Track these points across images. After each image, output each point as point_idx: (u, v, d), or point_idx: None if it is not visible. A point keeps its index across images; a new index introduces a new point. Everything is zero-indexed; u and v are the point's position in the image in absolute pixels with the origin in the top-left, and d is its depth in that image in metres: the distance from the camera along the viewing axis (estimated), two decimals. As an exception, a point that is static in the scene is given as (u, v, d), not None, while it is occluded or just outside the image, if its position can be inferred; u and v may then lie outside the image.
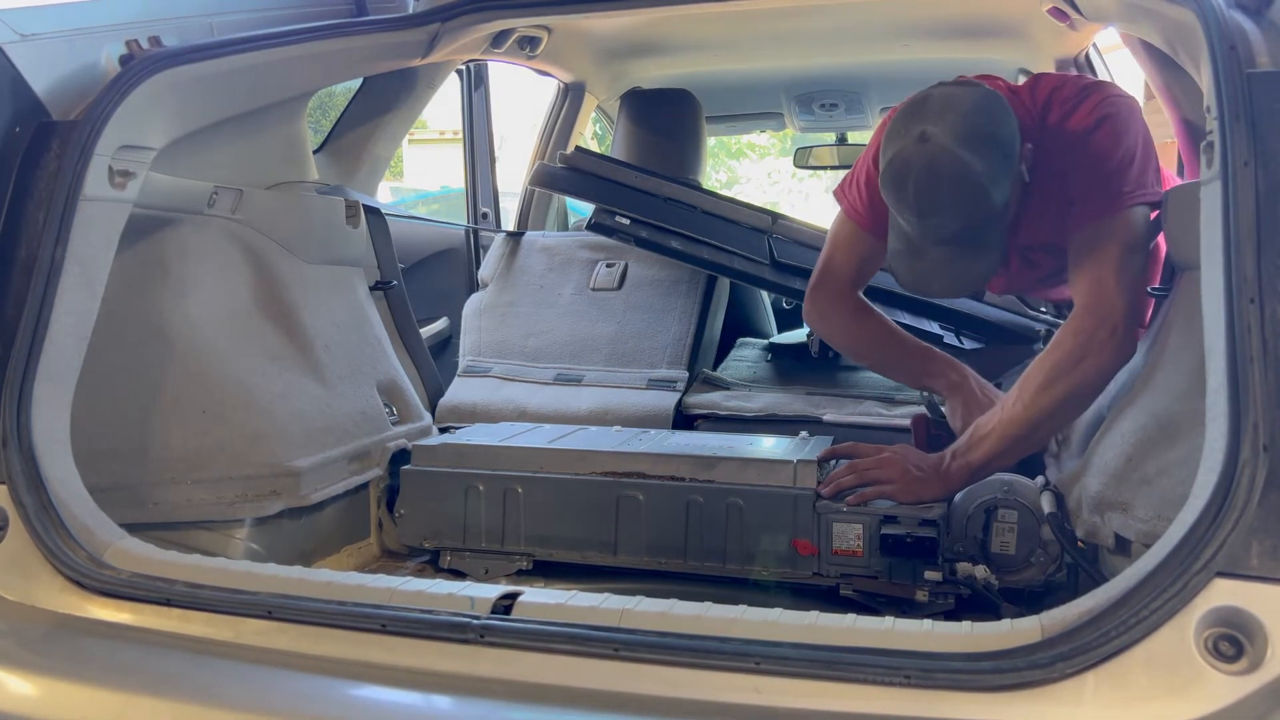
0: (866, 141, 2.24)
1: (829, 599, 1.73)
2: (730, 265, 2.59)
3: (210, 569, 1.39)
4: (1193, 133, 1.92)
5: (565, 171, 2.76)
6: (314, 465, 1.90)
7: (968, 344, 2.58)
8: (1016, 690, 1.03)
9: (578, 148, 2.88)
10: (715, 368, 2.71)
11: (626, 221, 2.60)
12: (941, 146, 1.64)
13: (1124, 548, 1.43)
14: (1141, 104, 2.74)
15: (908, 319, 2.57)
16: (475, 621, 1.20)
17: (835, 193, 2.16)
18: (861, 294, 2.16)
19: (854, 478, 1.77)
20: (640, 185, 2.68)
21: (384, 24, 2.06)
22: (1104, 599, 1.06)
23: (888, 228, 1.83)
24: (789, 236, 2.64)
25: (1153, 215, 1.76)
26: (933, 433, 2.04)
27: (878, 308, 2.30)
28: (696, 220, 2.63)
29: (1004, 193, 1.69)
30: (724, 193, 2.88)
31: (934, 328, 2.58)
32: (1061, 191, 1.82)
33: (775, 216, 2.70)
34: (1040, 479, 1.78)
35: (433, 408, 2.52)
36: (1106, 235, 1.73)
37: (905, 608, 1.68)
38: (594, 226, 2.65)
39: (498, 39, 2.42)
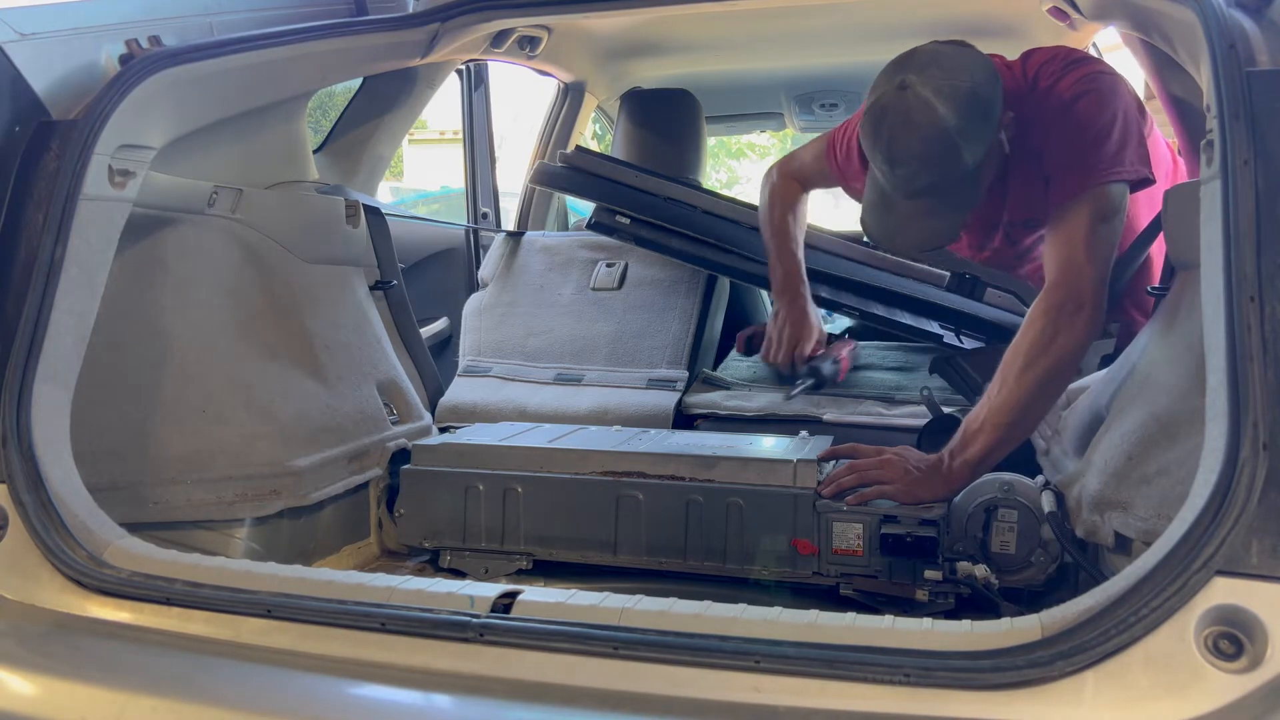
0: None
1: (829, 598, 1.73)
2: (731, 265, 2.59)
3: (210, 568, 1.38)
4: (1192, 132, 1.92)
5: (566, 170, 2.76)
6: (314, 465, 1.90)
7: (968, 343, 2.58)
8: (1016, 689, 1.03)
9: (578, 147, 2.88)
10: (715, 367, 2.71)
11: (627, 221, 2.60)
12: (919, 96, 1.68)
13: (1124, 547, 1.43)
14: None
15: (908, 319, 2.57)
16: (475, 620, 1.20)
17: (830, 132, 2.34)
18: (805, 192, 2.40)
19: (854, 478, 1.77)
20: (641, 185, 2.68)
21: (384, 24, 2.06)
22: (1104, 598, 1.06)
23: (849, 180, 2.01)
24: None
25: (1139, 192, 1.79)
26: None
27: (880, 308, 2.34)
28: (697, 220, 2.64)
29: (977, 154, 1.71)
30: (724, 193, 2.87)
31: (934, 327, 2.58)
32: (1040, 167, 1.84)
33: None
34: (1040, 478, 1.78)
35: (433, 407, 2.52)
36: (1078, 210, 1.74)
37: (905, 607, 1.68)
38: (594, 226, 2.65)
39: (498, 39, 2.42)
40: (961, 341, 2.57)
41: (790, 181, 2.41)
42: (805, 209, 2.43)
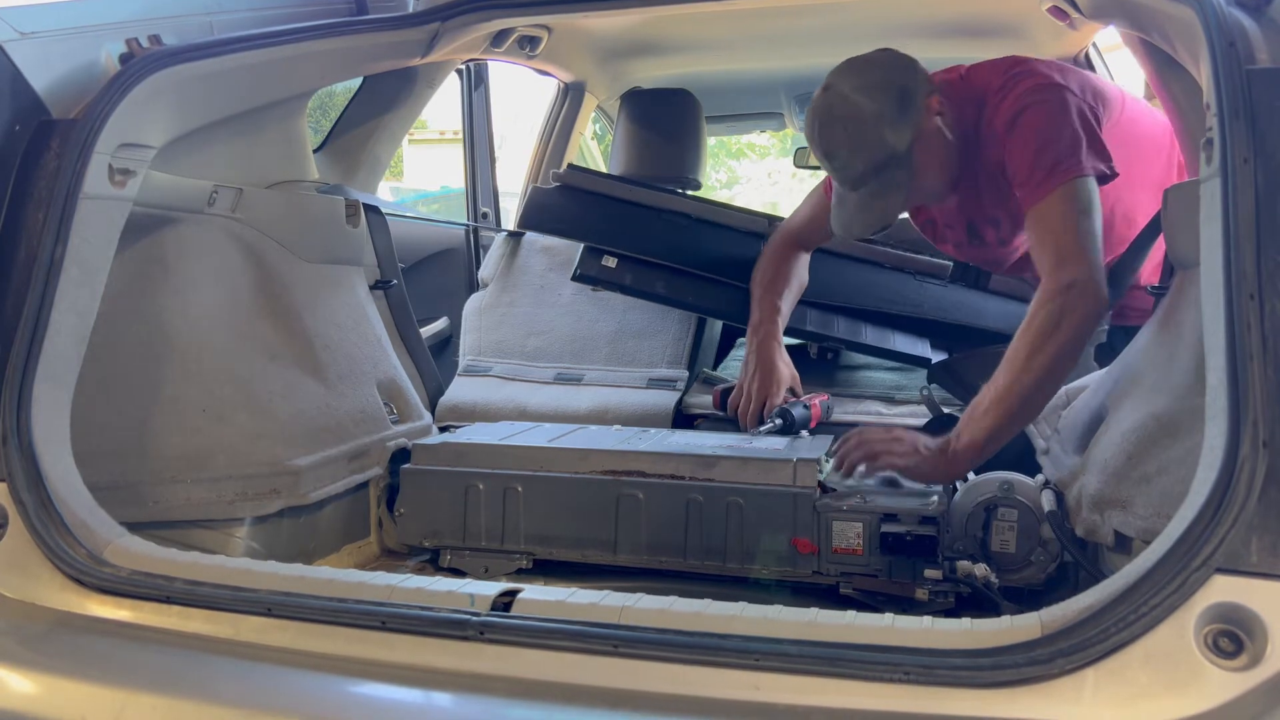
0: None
1: (829, 597, 1.73)
2: (718, 307, 2.56)
3: (209, 566, 1.39)
4: (1192, 131, 1.92)
5: (558, 193, 2.71)
6: (314, 464, 1.90)
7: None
8: (1016, 686, 1.03)
9: (570, 165, 2.85)
10: (715, 367, 2.71)
11: (613, 264, 2.56)
12: (838, 93, 1.93)
13: (1124, 545, 1.43)
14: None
15: (902, 342, 2.55)
16: (475, 618, 1.20)
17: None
18: (804, 252, 2.44)
19: (862, 451, 1.78)
20: (635, 199, 2.64)
21: (384, 23, 2.06)
22: (1104, 595, 1.06)
23: None
24: None
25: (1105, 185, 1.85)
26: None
27: (871, 328, 2.37)
28: (691, 243, 2.59)
29: (902, 136, 1.91)
30: (724, 194, 2.87)
31: (926, 348, 2.56)
32: (1001, 174, 1.98)
33: (771, 219, 2.70)
34: (1040, 477, 1.78)
35: (433, 407, 2.52)
36: (1051, 208, 1.83)
37: (905, 606, 1.67)
38: (579, 279, 2.59)
39: (498, 38, 2.42)
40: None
41: (785, 243, 2.43)
42: (798, 266, 2.42)
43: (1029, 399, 1.73)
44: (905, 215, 2.24)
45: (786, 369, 2.27)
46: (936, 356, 2.52)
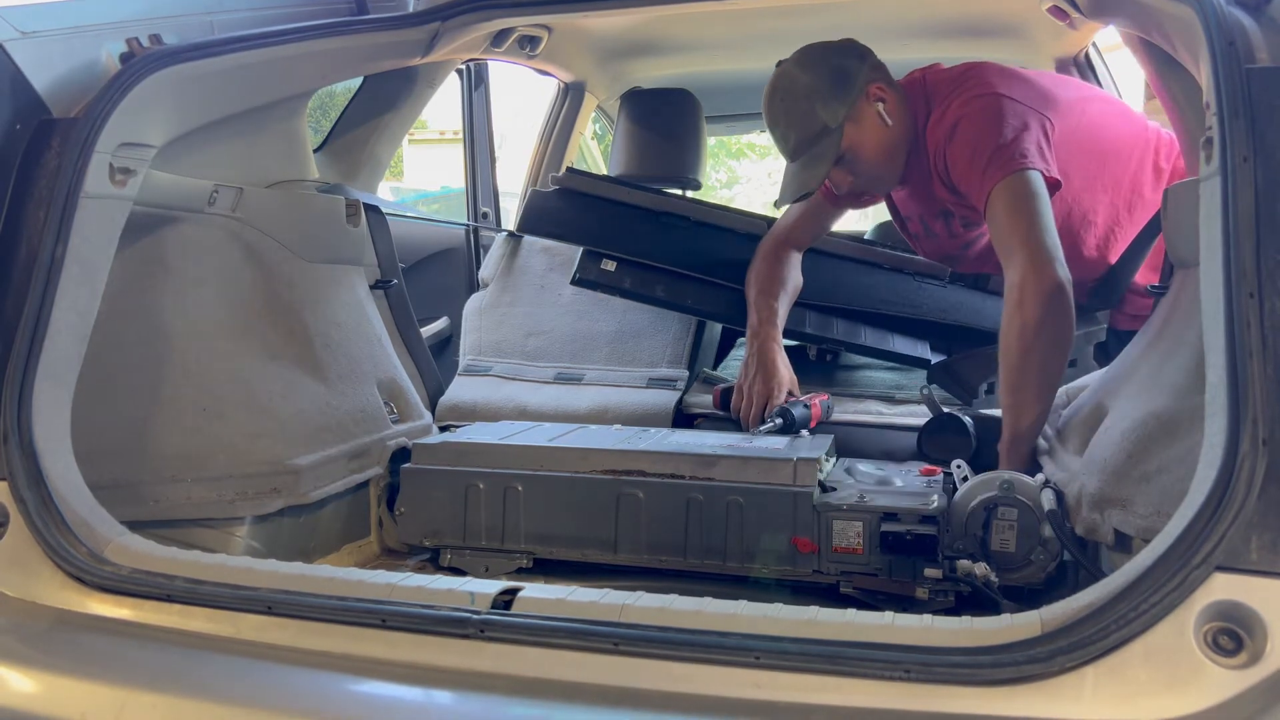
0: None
1: (829, 596, 1.73)
2: (717, 310, 2.56)
3: (210, 565, 1.39)
4: (1192, 131, 1.92)
5: (555, 203, 2.70)
6: (314, 463, 1.90)
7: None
8: (1016, 684, 1.03)
9: (569, 168, 2.85)
10: (715, 367, 2.71)
11: (611, 266, 2.56)
12: (785, 70, 2.14)
13: (1124, 544, 1.43)
14: (1142, 103, 2.75)
15: (901, 344, 2.55)
16: (475, 616, 1.20)
17: None
18: (796, 253, 2.47)
19: None
20: (636, 202, 2.64)
21: (384, 23, 2.06)
22: (1103, 594, 1.06)
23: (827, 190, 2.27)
24: None
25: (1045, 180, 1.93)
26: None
27: (870, 330, 2.40)
28: (691, 236, 2.59)
29: (834, 113, 2.07)
30: (724, 194, 2.87)
31: (925, 350, 2.56)
32: (945, 174, 2.11)
33: (770, 222, 2.69)
34: (1040, 476, 1.78)
35: (433, 406, 2.52)
36: (997, 202, 1.93)
37: (905, 605, 1.67)
38: (579, 283, 2.58)
39: (498, 38, 2.42)
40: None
41: (777, 244, 2.47)
42: (792, 267, 2.45)
43: (1024, 383, 1.84)
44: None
45: (786, 370, 2.29)
46: (936, 358, 2.52)
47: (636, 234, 2.60)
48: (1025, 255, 1.84)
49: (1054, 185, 1.96)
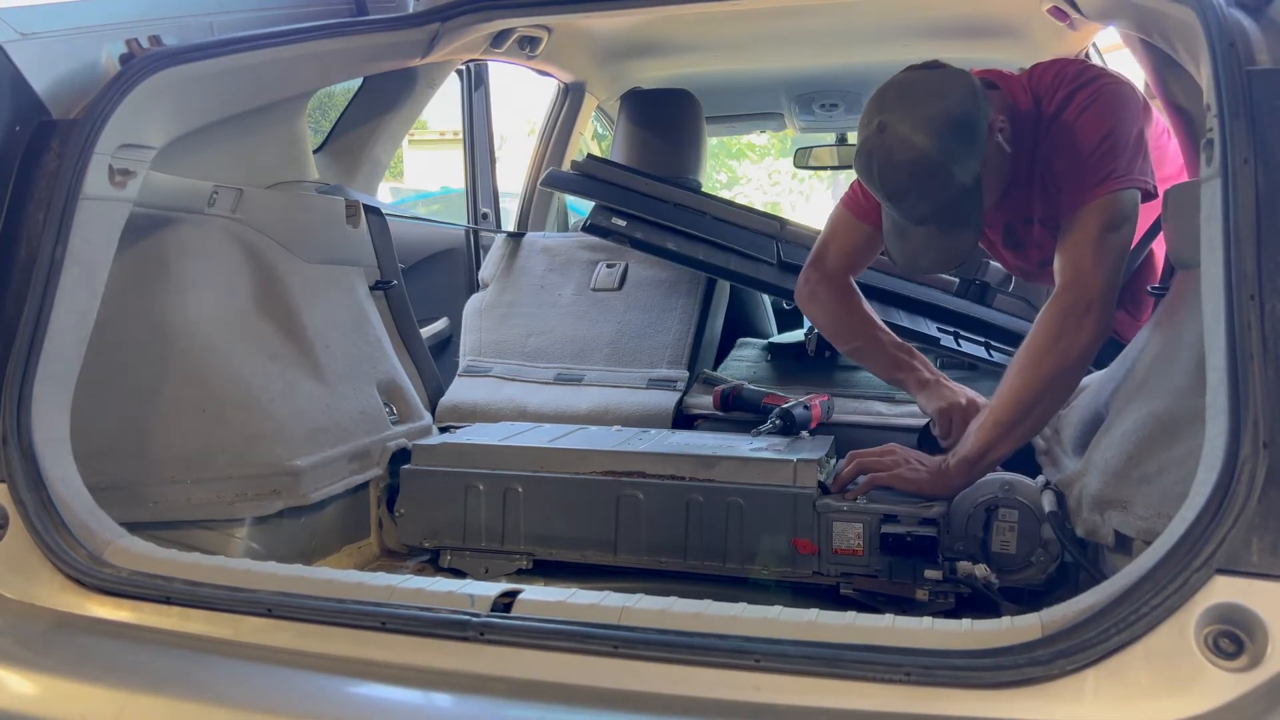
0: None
1: (829, 598, 1.73)
2: (728, 266, 2.58)
3: (210, 567, 1.38)
4: (1192, 132, 1.92)
5: (576, 176, 2.75)
6: (314, 465, 1.90)
7: (967, 347, 2.57)
8: (1016, 687, 1.03)
9: (590, 155, 2.86)
10: (715, 368, 2.71)
11: (623, 223, 2.59)
12: (897, 134, 1.71)
13: (1124, 546, 1.43)
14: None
15: (904, 319, 2.56)
16: (475, 619, 1.20)
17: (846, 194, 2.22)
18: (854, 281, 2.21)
19: (853, 467, 1.80)
20: (651, 192, 2.66)
21: (384, 24, 2.06)
22: (1104, 596, 1.06)
23: (881, 215, 1.90)
24: (797, 241, 2.63)
25: (1143, 204, 1.78)
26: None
27: (876, 306, 2.30)
28: (705, 225, 2.62)
29: (970, 170, 1.73)
30: (725, 194, 2.87)
31: (931, 328, 2.57)
32: (1047, 174, 1.88)
33: (784, 222, 2.70)
34: (1040, 478, 1.78)
35: (433, 407, 2.52)
36: (1087, 218, 1.75)
37: (905, 607, 1.67)
38: (590, 229, 2.64)
39: (498, 39, 2.42)
40: (960, 346, 2.56)
41: (828, 281, 2.19)
42: (863, 302, 2.19)
43: (1023, 414, 1.72)
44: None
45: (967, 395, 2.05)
46: (944, 338, 2.52)
47: (654, 211, 2.62)
48: (1089, 295, 1.70)
49: (1151, 197, 1.80)
